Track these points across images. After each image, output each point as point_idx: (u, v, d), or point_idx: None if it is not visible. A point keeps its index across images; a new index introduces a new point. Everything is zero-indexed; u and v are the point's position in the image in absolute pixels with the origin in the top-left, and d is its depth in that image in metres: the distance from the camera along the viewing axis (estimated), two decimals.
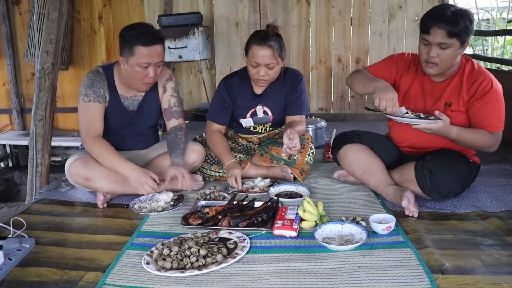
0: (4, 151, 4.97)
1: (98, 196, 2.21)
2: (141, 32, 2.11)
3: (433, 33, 1.97)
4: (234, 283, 1.47)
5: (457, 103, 2.09)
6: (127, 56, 2.13)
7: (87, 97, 2.22)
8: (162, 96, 2.41)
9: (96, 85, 2.23)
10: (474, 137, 2.04)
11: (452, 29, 1.93)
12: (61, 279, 1.53)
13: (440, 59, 2.01)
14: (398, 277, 1.47)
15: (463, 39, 1.97)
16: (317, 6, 4.62)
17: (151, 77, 2.18)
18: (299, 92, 2.52)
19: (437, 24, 1.95)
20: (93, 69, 2.32)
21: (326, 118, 3.66)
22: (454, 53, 2.00)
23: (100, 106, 2.25)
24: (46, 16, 2.73)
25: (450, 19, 1.93)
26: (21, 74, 5.01)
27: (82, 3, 4.82)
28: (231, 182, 2.33)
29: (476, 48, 5.59)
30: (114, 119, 2.33)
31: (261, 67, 2.33)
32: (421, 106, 2.18)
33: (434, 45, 1.99)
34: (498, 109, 2.06)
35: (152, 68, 2.16)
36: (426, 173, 2.02)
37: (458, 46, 1.98)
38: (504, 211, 2.01)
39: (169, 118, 2.43)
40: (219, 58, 4.82)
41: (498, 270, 1.49)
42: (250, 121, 2.56)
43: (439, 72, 2.07)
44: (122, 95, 2.31)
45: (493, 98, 2.04)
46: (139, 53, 2.10)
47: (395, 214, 1.95)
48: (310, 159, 2.50)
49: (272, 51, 2.30)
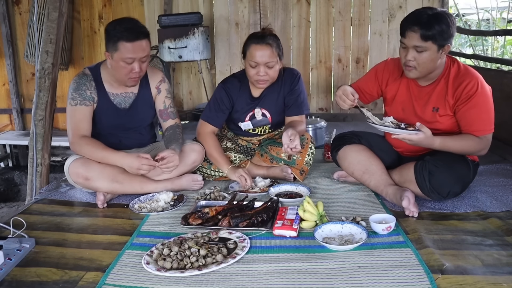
0: (4, 151, 4.97)
1: (98, 196, 2.21)
2: (125, 28, 2.11)
3: (408, 36, 1.97)
4: (234, 283, 1.47)
5: (444, 108, 2.08)
6: (112, 51, 2.14)
7: (73, 100, 2.24)
8: (156, 97, 2.42)
9: (82, 88, 2.24)
10: (460, 145, 2.02)
11: (425, 33, 1.91)
12: (61, 279, 1.53)
13: (418, 62, 1.99)
14: (398, 277, 1.47)
15: (440, 43, 1.94)
16: (317, 6, 4.62)
17: (136, 72, 2.18)
18: (298, 92, 2.51)
19: (411, 28, 1.95)
20: (80, 72, 2.32)
21: (326, 118, 3.66)
22: (432, 57, 1.97)
23: (86, 109, 2.25)
24: (46, 16, 2.73)
25: (425, 22, 1.91)
26: (21, 74, 5.01)
27: (82, 3, 4.82)
28: (242, 182, 2.35)
29: (476, 48, 5.59)
30: (106, 118, 2.32)
31: (260, 66, 2.32)
32: (410, 112, 2.18)
33: (410, 48, 1.98)
34: (485, 112, 2.03)
35: (137, 63, 2.16)
36: (425, 174, 2.02)
37: (436, 49, 1.95)
38: (504, 211, 2.01)
39: (165, 119, 2.44)
40: (219, 58, 4.82)
41: (498, 270, 1.49)
42: (249, 125, 2.56)
43: (419, 76, 2.06)
44: (112, 93, 2.31)
45: (479, 101, 2.01)
46: (123, 48, 2.10)
47: (395, 214, 1.95)
48: (310, 159, 2.49)
49: (271, 48, 2.30)
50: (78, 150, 2.22)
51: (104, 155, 2.18)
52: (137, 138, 2.47)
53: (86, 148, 2.20)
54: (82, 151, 2.21)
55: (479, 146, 2.03)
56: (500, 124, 3.13)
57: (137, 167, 2.12)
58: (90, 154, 2.20)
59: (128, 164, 2.13)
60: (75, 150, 2.23)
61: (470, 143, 2.02)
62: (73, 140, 2.22)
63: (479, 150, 2.06)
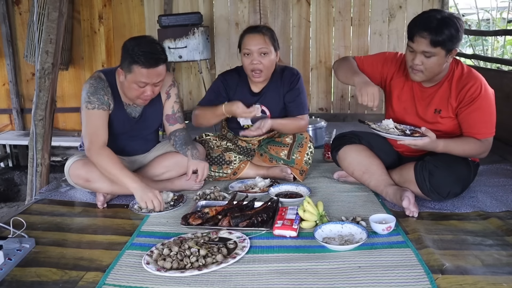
0: (4, 151, 4.96)
1: (98, 197, 2.21)
2: (144, 52, 2.02)
3: (416, 41, 1.94)
4: (234, 283, 1.47)
5: (446, 110, 2.08)
6: (126, 71, 2.08)
7: (90, 104, 2.14)
8: (166, 102, 2.37)
9: (100, 92, 2.15)
10: (462, 148, 2.02)
11: (435, 38, 1.89)
12: (61, 279, 1.53)
13: (425, 67, 1.98)
14: (398, 277, 1.47)
15: (448, 48, 1.93)
16: (317, 6, 4.62)
17: (148, 95, 2.14)
18: (297, 91, 2.51)
19: (420, 33, 1.92)
20: (95, 75, 2.22)
21: (326, 118, 3.67)
22: (440, 61, 1.97)
23: (104, 114, 2.17)
24: (46, 16, 2.73)
25: (434, 28, 1.89)
26: (21, 74, 5.00)
27: (82, 3, 4.81)
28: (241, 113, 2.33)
29: (476, 48, 5.59)
30: (117, 126, 2.28)
31: (254, 53, 2.34)
32: (412, 112, 2.18)
33: (419, 53, 1.96)
34: (488, 115, 2.02)
35: (150, 87, 2.10)
36: (425, 174, 2.02)
37: (444, 54, 1.94)
38: (504, 211, 2.01)
39: (172, 123, 2.40)
40: (219, 58, 4.82)
41: (498, 270, 1.49)
42: (248, 120, 2.56)
43: (425, 79, 2.05)
44: (125, 103, 2.26)
45: (482, 105, 2.00)
46: (138, 73, 2.04)
47: (395, 214, 1.95)
48: (309, 158, 2.49)
49: (264, 36, 2.35)
50: (95, 160, 2.12)
51: (118, 175, 2.07)
52: (142, 144, 2.45)
53: (105, 162, 2.09)
54: (99, 162, 2.11)
55: (481, 149, 2.03)
56: (500, 124, 3.13)
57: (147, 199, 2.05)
58: (105, 168, 2.09)
59: (139, 193, 2.06)
60: (92, 159, 2.13)
61: (472, 146, 2.02)
62: (93, 148, 2.11)
63: (480, 153, 2.06)
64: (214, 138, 2.66)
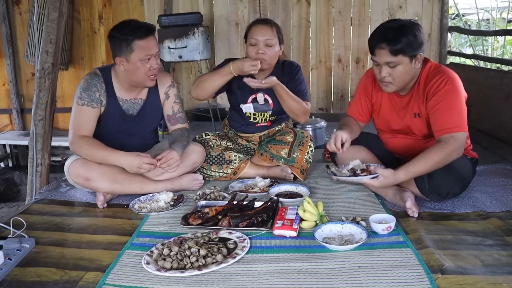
0: (4, 151, 4.97)
1: (98, 196, 2.21)
2: (134, 27, 2.13)
3: (377, 53, 1.96)
4: (234, 283, 1.47)
5: (424, 111, 2.08)
6: (126, 54, 2.12)
7: (81, 100, 2.21)
8: (165, 103, 2.41)
9: (92, 89, 2.22)
10: (425, 163, 1.89)
11: (394, 48, 1.90)
12: (61, 279, 1.53)
13: (393, 77, 1.99)
14: (398, 277, 1.47)
15: (410, 54, 1.93)
16: (317, 6, 4.63)
17: (155, 69, 2.19)
18: (298, 81, 2.54)
19: (379, 45, 1.94)
20: (91, 71, 2.30)
21: (326, 118, 3.66)
22: (406, 69, 1.97)
23: (92, 111, 2.23)
24: (46, 16, 2.73)
25: (391, 38, 1.90)
26: (21, 74, 5.01)
27: (82, 3, 4.82)
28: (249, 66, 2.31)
29: (476, 48, 5.58)
30: (113, 123, 2.31)
31: (260, 43, 2.38)
32: (395, 122, 2.20)
33: (383, 65, 1.97)
34: (454, 108, 1.95)
35: (154, 58, 2.18)
36: (424, 175, 2.02)
37: (408, 61, 1.95)
38: (504, 211, 2.01)
39: (173, 124, 2.44)
40: (219, 58, 4.82)
41: (498, 270, 1.49)
42: (251, 107, 2.57)
43: (396, 89, 2.06)
44: (121, 98, 2.30)
45: (446, 97, 1.95)
46: (139, 47, 2.11)
47: (395, 214, 1.95)
48: (309, 157, 2.50)
49: (271, 28, 2.40)
50: (77, 150, 2.20)
51: (103, 155, 2.16)
52: (141, 142, 2.46)
53: (86, 148, 2.18)
54: (81, 151, 2.19)
55: (447, 150, 1.89)
56: (500, 124, 3.14)
57: (137, 166, 2.11)
58: (89, 154, 2.18)
59: (128, 163, 2.12)
60: (74, 151, 2.22)
61: (434, 154, 1.89)
62: (73, 140, 2.20)
63: (450, 154, 1.90)
64: (214, 137, 2.66)
